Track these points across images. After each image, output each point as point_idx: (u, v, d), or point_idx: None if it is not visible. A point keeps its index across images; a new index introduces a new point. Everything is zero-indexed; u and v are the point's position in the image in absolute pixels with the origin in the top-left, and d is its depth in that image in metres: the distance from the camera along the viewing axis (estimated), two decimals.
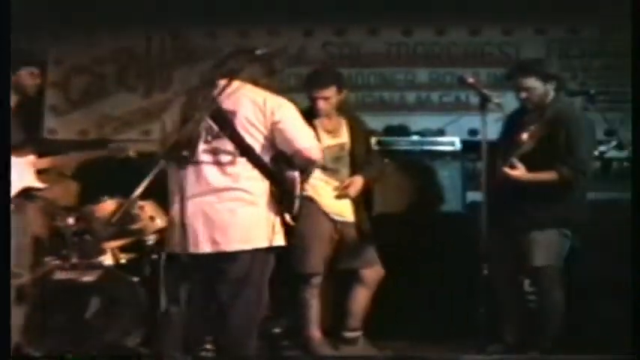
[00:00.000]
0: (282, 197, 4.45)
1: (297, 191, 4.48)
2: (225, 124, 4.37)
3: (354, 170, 5.72)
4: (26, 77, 5.41)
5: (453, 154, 6.67)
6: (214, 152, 4.39)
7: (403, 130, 7.18)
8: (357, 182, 5.68)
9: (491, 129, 5.55)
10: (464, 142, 6.76)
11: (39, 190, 5.60)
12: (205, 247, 4.35)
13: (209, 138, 4.40)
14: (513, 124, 5.67)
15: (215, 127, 4.39)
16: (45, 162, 5.67)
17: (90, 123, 7.73)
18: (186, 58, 7.75)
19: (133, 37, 7.79)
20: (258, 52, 4.51)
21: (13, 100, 5.29)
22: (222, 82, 4.38)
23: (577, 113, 5.82)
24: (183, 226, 4.26)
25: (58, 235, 5.86)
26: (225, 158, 4.38)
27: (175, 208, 4.38)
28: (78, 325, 5.59)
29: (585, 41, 7.58)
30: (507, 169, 5.38)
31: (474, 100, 5.98)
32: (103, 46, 7.80)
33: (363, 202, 5.78)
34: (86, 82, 7.83)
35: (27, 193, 5.46)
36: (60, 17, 7.30)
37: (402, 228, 6.41)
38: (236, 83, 4.40)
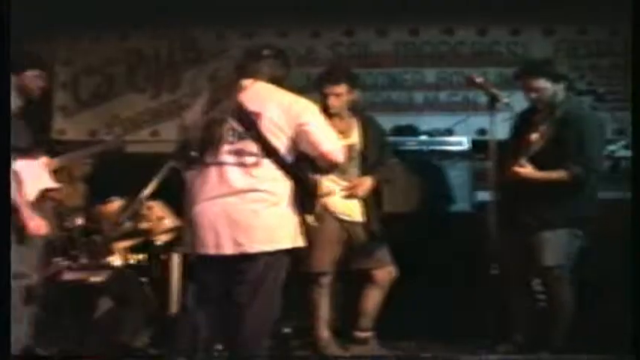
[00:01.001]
0: (304, 198, 4.44)
1: (319, 193, 4.49)
2: (250, 125, 4.32)
3: (363, 171, 5.70)
4: (31, 79, 5.35)
5: (461, 154, 6.67)
6: (238, 153, 4.32)
7: (411, 130, 7.15)
8: (365, 182, 5.66)
9: (500, 128, 5.56)
10: (472, 142, 6.77)
11: (55, 190, 5.58)
12: (228, 249, 4.30)
13: (233, 139, 4.34)
14: (522, 123, 5.67)
15: (239, 129, 4.34)
16: (56, 162, 5.65)
17: (99, 123, 7.74)
18: (194, 59, 7.76)
19: (142, 39, 7.80)
20: (265, 52, 4.53)
21: (19, 102, 5.25)
22: (245, 83, 4.39)
23: (587, 112, 5.81)
24: (204, 227, 4.29)
25: (67, 236, 5.87)
26: (249, 160, 4.32)
27: (195, 209, 4.34)
28: (87, 326, 5.59)
29: (593, 41, 7.57)
30: (518, 168, 5.37)
31: (482, 99, 5.97)
32: (112, 47, 7.82)
33: (372, 202, 5.76)
34: (95, 83, 7.85)
35: (44, 194, 5.42)
36: (69, 18, 7.30)
37: (410, 228, 6.40)
38: (259, 84, 4.41)
